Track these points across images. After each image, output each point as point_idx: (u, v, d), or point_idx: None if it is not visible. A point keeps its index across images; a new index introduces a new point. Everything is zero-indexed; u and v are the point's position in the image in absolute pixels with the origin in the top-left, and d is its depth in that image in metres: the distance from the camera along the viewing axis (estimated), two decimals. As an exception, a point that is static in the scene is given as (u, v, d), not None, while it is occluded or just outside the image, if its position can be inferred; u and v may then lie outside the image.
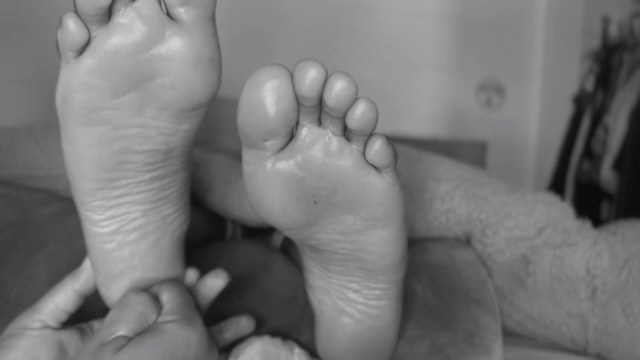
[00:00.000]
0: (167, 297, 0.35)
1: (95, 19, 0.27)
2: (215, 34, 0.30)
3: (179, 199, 0.37)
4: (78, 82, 0.29)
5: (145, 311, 0.33)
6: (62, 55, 0.28)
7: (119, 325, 0.32)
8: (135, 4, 0.28)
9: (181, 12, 0.28)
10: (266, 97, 0.27)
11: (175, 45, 0.29)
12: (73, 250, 0.44)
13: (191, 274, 0.40)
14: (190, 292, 0.40)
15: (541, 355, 0.48)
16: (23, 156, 0.51)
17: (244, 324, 0.41)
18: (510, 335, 0.52)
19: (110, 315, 0.33)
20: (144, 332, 0.33)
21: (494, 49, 1.46)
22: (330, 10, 1.41)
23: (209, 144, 0.58)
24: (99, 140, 0.31)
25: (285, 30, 1.40)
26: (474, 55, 1.46)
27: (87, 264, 0.37)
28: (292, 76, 0.27)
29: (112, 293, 0.37)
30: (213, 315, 0.41)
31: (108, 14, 0.28)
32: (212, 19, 0.29)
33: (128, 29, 0.28)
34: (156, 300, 0.35)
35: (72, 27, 0.27)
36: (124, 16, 0.28)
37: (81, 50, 0.28)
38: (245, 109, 0.28)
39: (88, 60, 0.28)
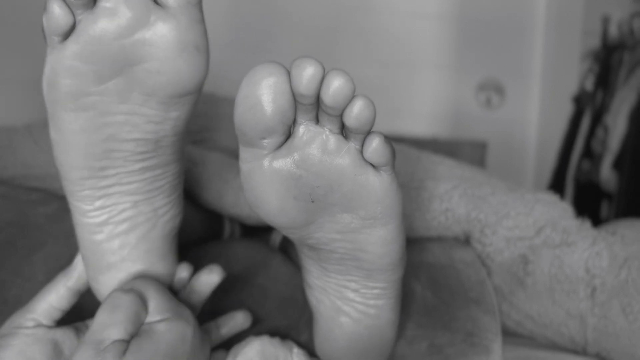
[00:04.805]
0: (150, 293, 0.34)
1: (79, 3, 0.27)
2: (201, 20, 0.30)
3: (171, 191, 0.37)
4: (63, 67, 0.29)
5: (137, 310, 0.33)
6: (48, 40, 0.28)
7: (113, 329, 0.31)
8: None
9: None
10: (263, 94, 0.27)
11: (161, 30, 0.29)
12: (71, 250, 0.44)
13: (183, 269, 0.40)
14: (179, 290, 0.40)
15: (540, 355, 0.47)
16: (21, 155, 0.51)
17: (240, 319, 0.41)
18: (510, 335, 0.52)
19: (102, 318, 0.32)
20: (140, 335, 0.32)
21: (494, 49, 1.46)
22: (330, 9, 1.41)
23: (206, 142, 0.58)
24: (85, 127, 0.31)
25: (285, 29, 1.40)
26: (473, 55, 1.45)
27: (78, 260, 0.37)
28: (289, 74, 0.27)
29: (101, 286, 0.37)
30: (211, 314, 0.41)
31: None
32: (199, 4, 0.29)
33: (113, 14, 0.28)
34: (142, 297, 0.34)
35: (56, 12, 0.27)
36: (109, 0, 0.28)
37: (66, 35, 0.28)
38: (242, 107, 0.28)
39: (73, 45, 0.28)
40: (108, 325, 0.32)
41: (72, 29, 0.28)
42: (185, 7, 0.29)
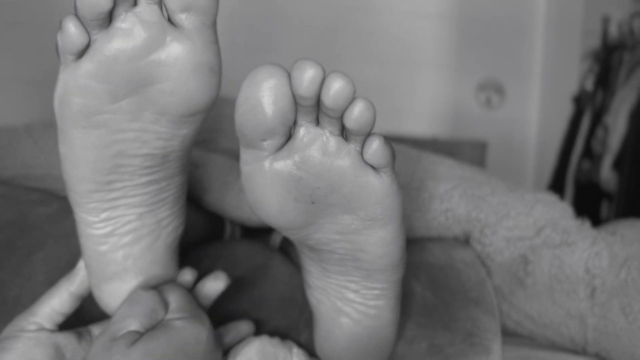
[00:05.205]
0: (173, 296, 0.35)
1: (95, 23, 0.27)
2: (216, 41, 0.30)
3: (175, 202, 0.37)
4: (76, 86, 0.29)
5: (155, 307, 0.34)
6: (62, 58, 0.28)
7: (130, 321, 0.33)
8: (137, 9, 0.28)
9: (182, 18, 0.28)
10: (264, 96, 0.27)
11: (175, 52, 0.29)
12: (71, 251, 0.44)
13: (187, 273, 0.40)
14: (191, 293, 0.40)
15: (540, 355, 0.48)
16: (21, 155, 0.51)
17: (244, 328, 0.41)
18: (510, 335, 0.52)
19: (121, 311, 0.34)
20: (155, 327, 0.33)
21: (494, 49, 1.46)
22: (330, 9, 1.41)
23: (208, 144, 0.58)
24: (95, 143, 0.31)
25: (286, 30, 1.40)
26: (473, 55, 1.45)
27: (81, 265, 0.37)
28: (289, 76, 0.27)
29: (104, 295, 0.37)
30: (211, 315, 0.41)
31: (109, 18, 0.28)
32: (214, 25, 0.29)
33: (128, 34, 0.28)
34: (163, 297, 0.35)
35: (72, 31, 0.27)
36: (124, 21, 0.28)
37: (81, 54, 0.28)
38: (243, 109, 0.28)
39: (87, 64, 0.28)
40: (125, 317, 0.33)
41: (86, 48, 0.28)
42: (201, 28, 0.28)
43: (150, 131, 0.31)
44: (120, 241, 0.35)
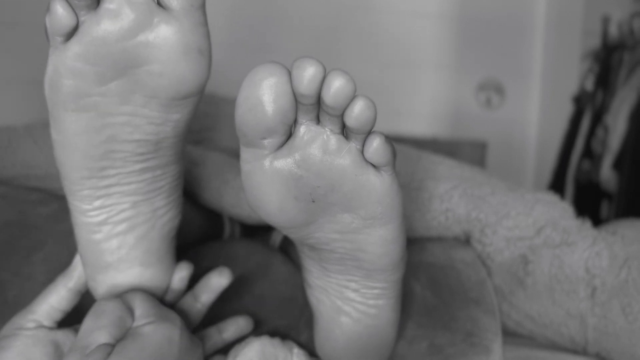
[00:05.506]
0: (137, 302, 0.35)
1: (83, 4, 0.27)
2: (205, 23, 0.30)
3: (171, 192, 0.37)
4: (65, 68, 0.29)
5: (121, 315, 0.33)
6: (51, 41, 0.28)
7: (99, 333, 0.32)
8: None
9: None
10: (264, 95, 0.27)
11: (164, 33, 0.28)
12: (71, 250, 0.44)
13: (183, 268, 0.40)
14: (179, 289, 0.40)
15: (540, 355, 0.48)
16: (21, 155, 0.51)
17: (243, 324, 0.41)
18: (510, 335, 0.52)
19: (87, 324, 0.33)
20: (125, 338, 0.32)
21: (494, 48, 1.46)
22: (330, 9, 1.41)
23: (206, 142, 0.58)
24: (86, 128, 0.31)
25: (286, 29, 1.40)
26: (473, 55, 1.45)
27: (77, 260, 0.37)
28: (289, 74, 0.27)
29: (99, 285, 0.37)
30: (211, 315, 0.41)
31: None
32: (202, 7, 0.29)
33: (116, 15, 0.28)
34: (128, 305, 0.34)
35: (60, 12, 0.27)
36: (112, 2, 0.28)
37: (69, 36, 0.28)
38: (243, 108, 0.28)
39: (76, 45, 0.28)
40: (93, 330, 0.32)
41: (75, 29, 0.28)
42: (189, 10, 0.28)
43: (141, 115, 0.31)
44: (114, 229, 0.35)
